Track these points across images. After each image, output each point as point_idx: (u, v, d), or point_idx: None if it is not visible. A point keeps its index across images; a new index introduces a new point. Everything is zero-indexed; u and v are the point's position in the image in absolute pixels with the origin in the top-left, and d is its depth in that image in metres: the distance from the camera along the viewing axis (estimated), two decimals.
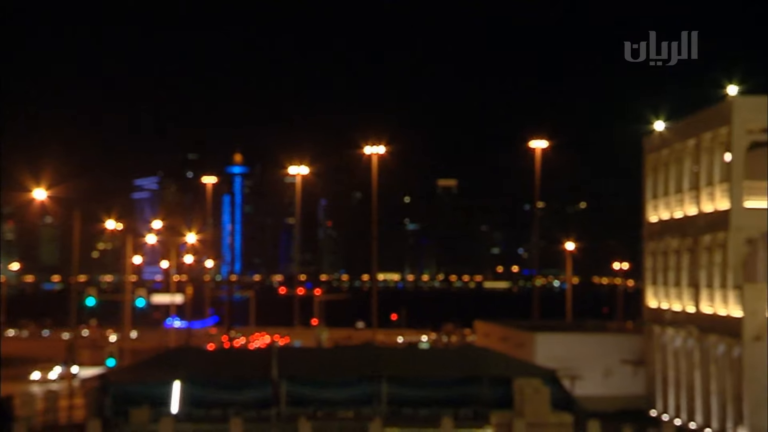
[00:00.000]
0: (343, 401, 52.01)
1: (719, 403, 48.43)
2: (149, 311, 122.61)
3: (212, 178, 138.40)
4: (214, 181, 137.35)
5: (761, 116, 48.02)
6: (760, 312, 45.40)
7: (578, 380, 55.11)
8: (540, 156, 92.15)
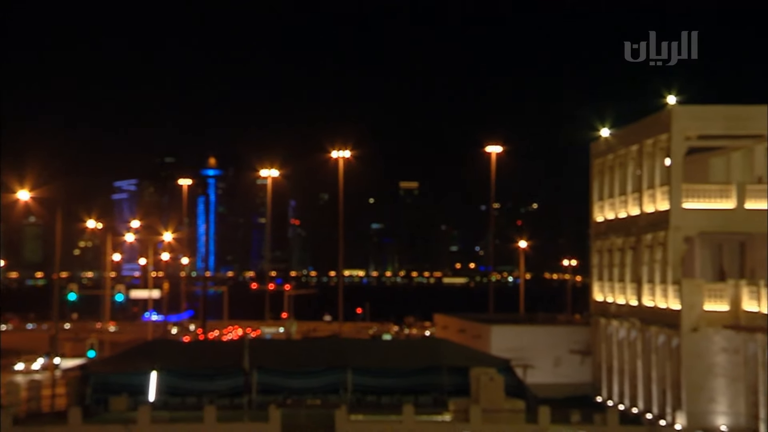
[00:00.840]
0: (311, 390, 51.99)
1: (659, 390, 48.65)
2: (128, 306, 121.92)
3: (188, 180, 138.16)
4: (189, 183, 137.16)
5: (698, 124, 48.34)
6: (696, 305, 45.60)
7: (530, 369, 55.20)
8: (495, 160, 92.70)
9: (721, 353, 45.13)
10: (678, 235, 47.84)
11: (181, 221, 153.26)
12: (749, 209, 47.22)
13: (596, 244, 60.32)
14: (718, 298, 45.71)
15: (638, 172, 52.80)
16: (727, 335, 45.01)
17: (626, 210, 54.61)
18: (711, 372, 45.15)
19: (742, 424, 44.02)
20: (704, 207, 47.85)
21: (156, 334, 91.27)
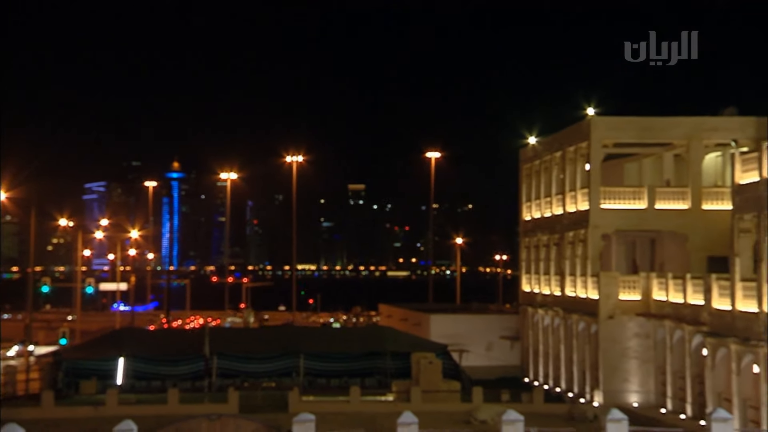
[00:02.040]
0: (267, 373, 51.89)
1: (579, 371, 49.22)
2: (97, 297, 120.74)
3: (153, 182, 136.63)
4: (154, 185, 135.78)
5: (614, 133, 48.91)
6: (612, 295, 46.10)
7: (465, 353, 55.55)
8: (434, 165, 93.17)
9: (634, 338, 45.63)
10: (596, 233, 48.33)
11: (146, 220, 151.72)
12: (659, 209, 47.83)
13: (524, 240, 60.81)
14: (632, 288, 46.19)
15: (561, 176, 53.29)
16: (639, 322, 45.55)
17: (551, 210, 55.10)
18: (625, 355, 45.63)
19: (651, 400, 44.62)
20: (619, 207, 48.28)
21: (123, 323, 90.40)
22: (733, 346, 35.47)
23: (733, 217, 36.75)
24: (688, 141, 47.56)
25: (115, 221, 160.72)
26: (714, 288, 37.86)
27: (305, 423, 29.01)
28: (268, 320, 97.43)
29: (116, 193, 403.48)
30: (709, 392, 37.58)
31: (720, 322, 37.04)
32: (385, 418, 35.29)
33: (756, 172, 34.90)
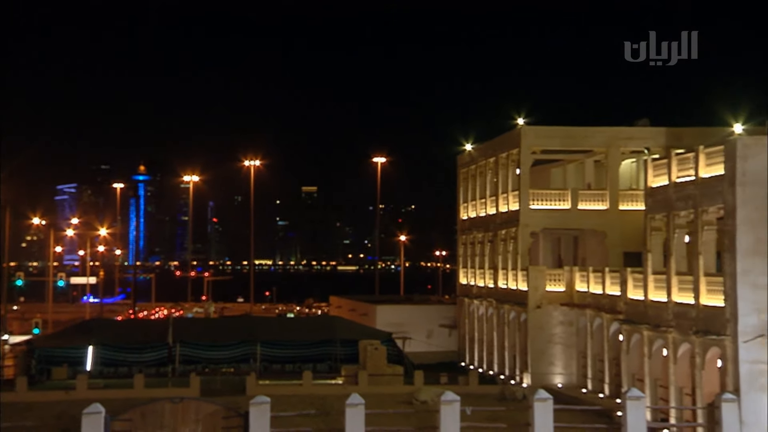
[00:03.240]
0: (226, 360, 51.62)
1: (510, 355, 49.65)
2: (68, 290, 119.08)
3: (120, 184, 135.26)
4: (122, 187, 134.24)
5: (541, 141, 49.40)
6: (540, 287, 46.55)
7: (408, 340, 55.65)
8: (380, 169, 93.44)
9: (559, 325, 46.12)
10: (526, 231, 48.72)
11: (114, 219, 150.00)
12: (581, 210, 48.35)
13: (461, 238, 61.11)
14: (557, 281, 46.65)
15: (495, 179, 53.67)
16: (563, 311, 46.04)
17: (485, 210, 55.44)
18: (550, 341, 46.10)
19: (574, 381, 45.17)
20: (546, 208, 48.70)
21: (92, 314, 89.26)
22: (645, 332, 35.98)
23: (645, 217, 37.27)
24: (606, 148, 48.19)
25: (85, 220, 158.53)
26: (629, 280, 38.40)
27: (261, 405, 28.97)
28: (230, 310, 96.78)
29: (86, 194, 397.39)
30: (625, 373, 38.10)
31: (634, 311, 37.58)
32: (335, 400, 35.36)
33: (665, 176, 35.49)
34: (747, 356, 29.81)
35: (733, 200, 30.46)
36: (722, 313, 30.76)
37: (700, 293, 32.28)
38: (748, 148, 30.53)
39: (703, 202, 32.58)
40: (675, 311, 33.94)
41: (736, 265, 30.19)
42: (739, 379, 29.77)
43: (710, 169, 32.16)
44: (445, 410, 29.17)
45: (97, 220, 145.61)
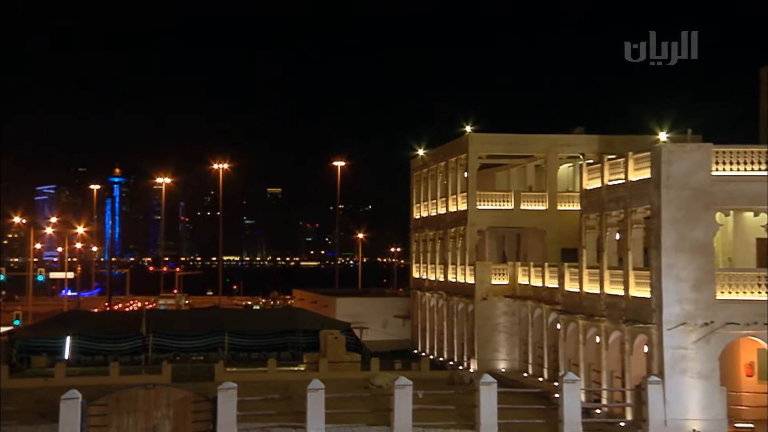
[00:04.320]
0: (196, 349, 51.12)
1: (459, 343, 49.83)
2: (47, 284, 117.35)
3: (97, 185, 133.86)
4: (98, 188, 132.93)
5: (487, 147, 49.62)
6: (486, 281, 46.80)
7: (365, 330, 55.69)
8: (340, 172, 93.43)
9: (503, 315, 46.40)
10: (473, 229, 48.99)
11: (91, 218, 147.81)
12: (523, 210, 48.70)
13: (415, 235, 61.27)
14: (501, 275, 46.94)
15: (445, 181, 53.84)
16: (507, 302, 46.34)
17: (436, 210, 55.55)
18: (495, 329, 46.38)
19: (516, 366, 45.50)
20: (492, 208, 48.93)
21: (70, 306, 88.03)
22: (580, 321, 36.32)
23: (581, 217, 37.59)
24: (546, 154, 48.59)
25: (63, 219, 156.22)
26: (566, 274, 38.74)
27: (228, 390, 28.90)
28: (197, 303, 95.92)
29: (64, 195, 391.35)
30: (562, 359, 38.44)
31: (570, 302, 37.95)
32: (297, 385, 35.29)
33: (599, 180, 35.88)
34: (671, 343, 30.32)
35: (659, 201, 30.93)
36: (649, 303, 31.22)
37: (630, 286, 32.70)
38: (671, 154, 31.05)
39: (632, 203, 33.03)
40: (607, 302, 34.32)
41: (661, 260, 30.66)
42: (663, 363, 30.26)
43: (638, 173, 32.60)
44: (398, 394, 29.34)
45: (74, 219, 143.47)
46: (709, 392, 29.94)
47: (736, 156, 30.85)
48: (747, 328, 30.33)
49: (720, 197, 30.70)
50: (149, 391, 28.69)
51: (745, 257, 33.97)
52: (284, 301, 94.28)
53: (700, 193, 30.63)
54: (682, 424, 29.73)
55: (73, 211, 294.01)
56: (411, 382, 29.77)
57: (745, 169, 30.75)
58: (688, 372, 30.09)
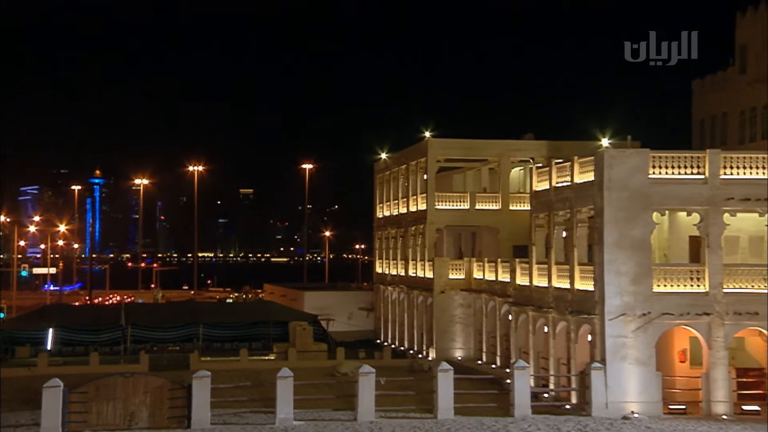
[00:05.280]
0: (172, 339, 50.76)
1: (419, 333, 49.97)
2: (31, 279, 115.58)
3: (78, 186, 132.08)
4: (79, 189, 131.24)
5: (445, 151, 49.88)
6: (444, 275, 46.92)
7: (331, 321, 55.68)
8: (308, 174, 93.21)
9: (459, 307, 46.55)
10: (432, 227, 49.15)
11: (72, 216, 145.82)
12: (478, 209, 48.94)
13: (378, 233, 61.30)
14: (458, 270, 47.08)
15: (406, 183, 53.94)
16: (463, 295, 46.46)
17: (398, 210, 55.62)
18: (452, 320, 46.52)
19: (471, 355, 45.72)
20: (449, 208, 49.14)
21: (53, 300, 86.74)
22: (530, 313, 36.59)
23: (531, 216, 37.91)
24: (499, 158, 48.91)
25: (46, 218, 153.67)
26: (517, 269, 38.99)
27: (203, 378, 28.75)
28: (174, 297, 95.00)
29: (47, 195, 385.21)
30: (513, 347, 38.71)
31: (521, 295, 38.22)
32: (268, 373, 35.22)
33: (547, 182, 36.24)
34: (612, 332, 30.74)
35: (601, 202, 31.33)
36: (592, 296, 31.62)
37: (575, 280, 33.08)
38: (613, 158, 31.47)
39: (577, 203, 33.40)
40: (554, 295, 34.64)
41: (603, 256, 31.07)
42: (605, 350, 30.67)
43: (583, 176, 32.98)
44: (362, 381, 29.41)
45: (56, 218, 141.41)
46: (646, 377, 30.42)
47: (671, 160, 31.39)
48: (680, 318, 30.91)
49: (656, 198, 31.20)
50: (127, 379, 28.46)
51: (679, 253, 34.54)
52: (255, 295, 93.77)
53: (638, 195, 31.09)
54: (621, 407, 30.18)
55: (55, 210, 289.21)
56: (374, 370, 29.86)
57: (679, 173, 31.31)
58: (628, 358, 30.53)
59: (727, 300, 30.84)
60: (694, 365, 32.10)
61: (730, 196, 31.13)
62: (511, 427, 28.07)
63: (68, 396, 27.81)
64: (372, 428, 27.85)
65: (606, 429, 28.01)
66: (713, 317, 30.78)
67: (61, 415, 27.45)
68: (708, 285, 30.89)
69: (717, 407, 30.36)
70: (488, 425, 28.22)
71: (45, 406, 27.37)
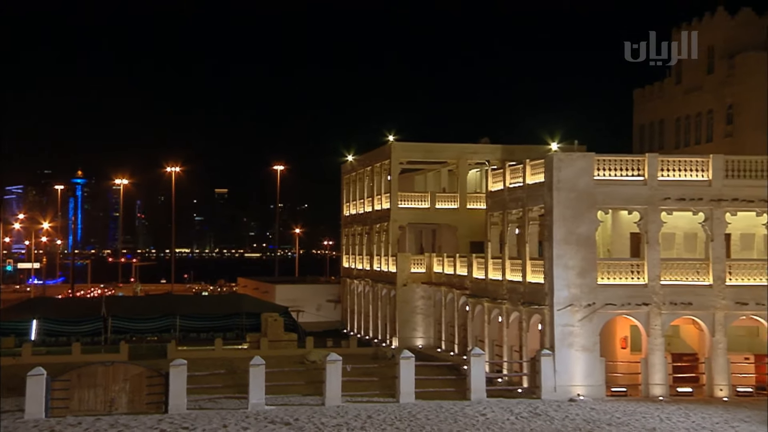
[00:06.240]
0: (150, 330, 50.10)
1: (383, 324, 50.04)
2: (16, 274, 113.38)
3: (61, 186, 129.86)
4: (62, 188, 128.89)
5: (407, 154, 50.00)
6: (406, 269, 47.06)
7: (301, 313, 55.49)
8: (279, 175, 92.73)
9: (420, 299, 46.72)
10: (395, 225, 49.21)
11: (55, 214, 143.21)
12: (438, 208, 49.09)
13: (345, 230, 61.19)
14: (419, 264, 47.22)
15: (371, 184, 53.93)
16: (424, 288, 46.65)
17: (363, 208, 55.60)
18: (414, 311, 46.71)
19: (431, 343, 45.95)
20: (411, 207, 49.21)
21: (37, 293, 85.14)
22: (486, 304, 36.80)
23: (486, 214, 38.14)
24: (457, 160, 49.13)
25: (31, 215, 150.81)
26: (474, 263, 39.16)
27: (179, 366, 28.46)
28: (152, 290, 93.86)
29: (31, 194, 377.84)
30: (470, 336, 38.88)
31: (477, 287, 38.40)
32: (241, 361, 34.97)
33: (501, 183, 36.49)
34: (560, 321, 31.08)
35: (551, 201, 31.63)
36: (542, 288, 31.92)
37: (527, 273, 33.36)
38: (561, 161, 31.80)
39: (529, 203, 33.69)
40: (508, 287, 34.88)
41: (552, 251, 31.37)
42: (554, 338, 30.99)
43: (534, 178, 33.27)
44: (330, 368, 29.35)
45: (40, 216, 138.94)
46: (591, 362, 30.80)
47: (614, 163, 31.80)
48: (622, 308, 31.35)
49: (600, 198, 31.59)
50: (108, 367, 28.09)
51: (620, 249, 35.03)
52: (230, 288, 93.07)
53: (584, 195, 31.45)
54: (568, 390, 30.52)
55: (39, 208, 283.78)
56: (341, 358, 29.82)
57: (621, 175, 31.74)
58: (574, 345, 30.88)
59: (664, 291, 31.35)
60: (634, 351, 32.58)
61: (667, 196, 31.64)
62: (467, 409, 28.23)
63: (51, 383, 27.38)
64: (339, 412, 27.81)
65: (554, 410, 28.30)
66: (651, 307, 31.27)
67: (45, 402, 27.03)
68: (647, 278, 31.37)
69: (654, 389, 30.86)
70: (446, 408, 28.36)
71: (29, 393, 26.93)
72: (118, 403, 27.60)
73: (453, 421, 26.26)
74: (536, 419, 26.79)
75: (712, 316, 31.36)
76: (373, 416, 26.94)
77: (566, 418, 26.95)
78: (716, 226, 31.66)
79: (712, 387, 31.05)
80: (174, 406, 27.77)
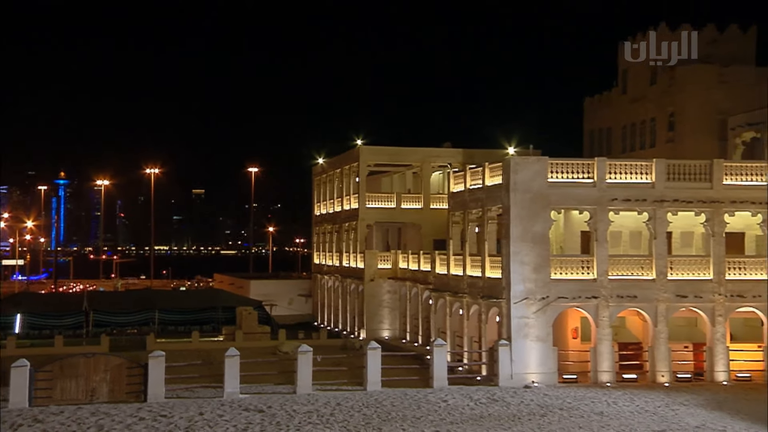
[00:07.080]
0: (130, 323, 49.48)
1: (351, 317, 49.91)
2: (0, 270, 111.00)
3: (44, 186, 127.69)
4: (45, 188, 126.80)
5: (375, 157, 50.07)
6: (373, 266, 46.94)
7: (274, 306, 55.19)
8: (254, 176, 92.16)
9: (387, 293, 46.68)
10: (363, 224, 49.19)
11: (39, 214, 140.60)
12: (403, 208, 49.28)
13: (316, 228, 61.01)
14: (385, 261, 47.13)
15: (340, 185, 53.86)
16: (390, 283, 46.62)
17: (333, 208, 55.50)
18: (380, 305, 46.64)
19: (397, 335, 45.95)
20: (378, 207, 49.30)
21: (21, 288, 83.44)
22: (447, 298, 36.93)
23: (448, 214, 38.29)
24: (421, 163, 49.34)
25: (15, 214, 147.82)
26: (437, 260, 39.30)
27: (158, 357, 28.14)
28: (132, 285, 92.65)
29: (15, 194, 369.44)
30: (433, 328, 38.98)
31: (440, 282, 38.51)
32: (217, 353, 34.68)
33: (462, 184, 36.70)
34: (516, 313, 31.34)
35: (508, 202, 31.89)
36: (500, 283, 32.15)
37: (486, 269, 33.57)
38: (518, 165, 32.08)
39: (488, 203, 33.91)
40: (468, 282, 35.03)
41: (509, 248, 31.63)
42: (510, 329, 31.24)
43: (493, 180, 33.51)
44: (301, 358, 29.28)
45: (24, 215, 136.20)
46: (545, 352, 31.12)
47: (566, 167, 32.18)
48: (573, 301, 31.73)
49: (554, 199, 31.94)
50: (89, 359, 27.67)
51: (572, 246, 35.44)
52: (206, 284, 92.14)
53: (539, 196, 31.77)
54: (524, 377, 30.80)
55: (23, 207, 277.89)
56: (311, 349, 29.74)
57: (573, 177, 32.12)
58: (529, 336, 31.16)
59: (612, 285, 31.80)
60: (584, 341, 33.00)
61: (614, 197, 32.10)
62: (430, 396, 28.34)
63: (35, 374, 26.91)
64: (309, 400, 27.72)
65: (511, 396, 28.55)
66: (600, 300, 31.70)
67: (28, 392, 26.56)
68: (596, 273, 31.79)
69: (602, 376, 31.29)
70: (411, 395, 28.43)
71: (13, 384, 26.44)
72: (98, 393, 27.21)
73: (417, 408, 26.35)
74: (494, 405, 27.00)
75: (655, 308, 31.89)
76: (341, 403, 26.91)
77: (522, 404, 27.20)
78: (659, 225, 32.21)
79: (655, 373, 31.57)
80: (152, 395, 27.45)
